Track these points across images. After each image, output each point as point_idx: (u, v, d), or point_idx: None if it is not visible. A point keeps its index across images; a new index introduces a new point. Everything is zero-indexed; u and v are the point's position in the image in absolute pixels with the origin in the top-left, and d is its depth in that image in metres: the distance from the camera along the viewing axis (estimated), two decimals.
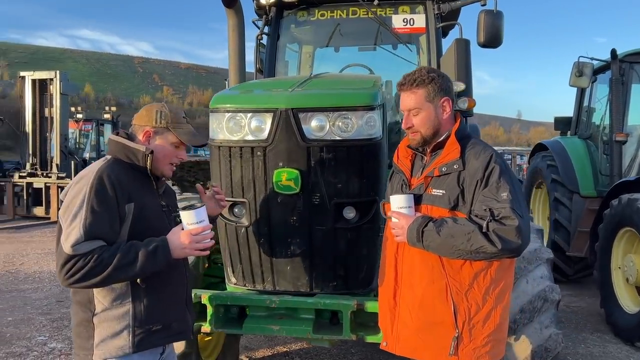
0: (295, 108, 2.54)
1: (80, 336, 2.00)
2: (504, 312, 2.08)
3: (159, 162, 2.11)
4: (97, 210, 1.88)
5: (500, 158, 2.06)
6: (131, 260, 1.89)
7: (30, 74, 14.06)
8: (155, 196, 2.13)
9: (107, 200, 1.90)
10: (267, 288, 2.75)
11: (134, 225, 1.97)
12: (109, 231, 1.91)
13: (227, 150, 2.67)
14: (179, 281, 2.16)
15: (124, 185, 1.96)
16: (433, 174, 2.10)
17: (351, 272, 2.72)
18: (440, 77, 2.12)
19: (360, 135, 2.60)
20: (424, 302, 2.07)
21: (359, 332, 2.53)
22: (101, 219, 1.88)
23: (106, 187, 1.91)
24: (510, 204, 1.93)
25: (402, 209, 2.09)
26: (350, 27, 5.03)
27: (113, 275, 1.87)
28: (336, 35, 5.15)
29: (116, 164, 2.03)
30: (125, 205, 1.95)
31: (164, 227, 2.08)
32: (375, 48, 5.31)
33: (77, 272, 1.84)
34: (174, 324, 2.10)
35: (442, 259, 2.04)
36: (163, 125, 2.12)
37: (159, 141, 2.13)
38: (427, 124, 2.13)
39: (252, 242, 2.72)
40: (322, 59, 5.64)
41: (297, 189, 2.57)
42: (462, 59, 4.10)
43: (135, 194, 1.99)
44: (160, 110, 2.14)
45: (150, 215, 2.04)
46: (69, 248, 1.84)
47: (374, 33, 5.07)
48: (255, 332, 2.66)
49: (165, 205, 2.18)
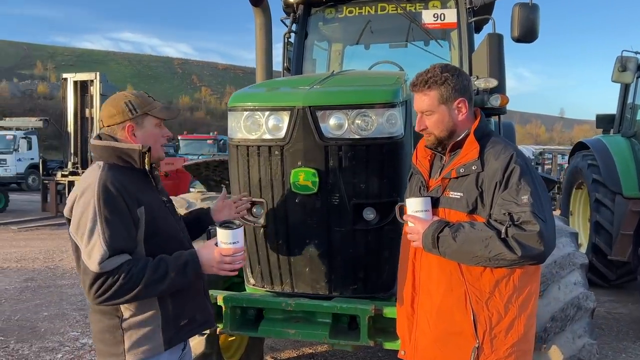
0: (313, 106, 2.47)
1: (107, 342, 1.96)
2: (528, 322, 1.95)
3: (153, 150, 2.06)
4: (112, 222, 1.83)
5: (522, 158, 1.93)
6: (162, 276, 1.88)
7: (72, 76, 14.49)
8: (155, 193, 2.09)
9: (119, 210, 1.86)
10: (285, 290, 2.70)
11: (148, 228, 1.94)
12: (129, 241, 1.88)
13: (245, 150, 2.63)
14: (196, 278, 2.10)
15: (129, 190, 1.91)
16: (450, 176, 2.00)
17: (371, 276, 2.64)
18: (454, 76, 2.00)
19: (380, 134, 2.51)
20: (442, 310, 1.97)
21: (377, 338, 2.44)
22: (119, 230, 1.84)
23: (114, 196, 1.86)
24: (531, 208, 1.80)
25: (418, 212, 1.99)
26: (381, 23, 4.93)
27: (144, 292, 1.85)
28: (366, 33, 5.06)
29: (113, 169, 1.96)
30: (136, 210, 1.91)
31: (170, 222, 2.08)
32: (407, 45, 5.20)
33: (107, 291, 1.81)
34: (197, 316, 2.11)
35: (460, 266, 1.93)
36: (140, 112, 2.04)
37: (144, 129, 2.06)
38: (441, 127, 2.02)
39: (270, 243, 2.68)
40: (352, 56, 5.56)
41: (314, 189, 2.50)
42: (495, 55, 3.95)
43: (141, 196, 1.95)
44: (128, 100, 2.04)
45: (158, 215, 2.01)
46: (96, 266, 1.79)
47: (405, 29, 4.95)
48: (270, 335, 2.61)
49: (166, 201, 2.14)
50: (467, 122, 2.05)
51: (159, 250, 1.97)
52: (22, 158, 22.05)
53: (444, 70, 2.01)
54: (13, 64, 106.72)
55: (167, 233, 2.03)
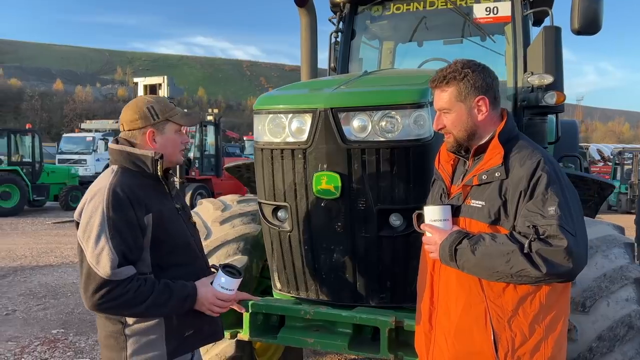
0: (335, 108, 2.39)
1: (111, 348, 1.95)
2: (557, 344, 1.76)
3: (172, 155, 2.06)
4: (120, 229, 1.82)
5: (551, 164, 1.74)
6: (165, 301, 1.87)
7: (142, 80, 15.16)
8: (168, 200, 2.07)
9: (127, 217, 1.84)
10: (310, 297, 2.64)
11: (155, 234, 1.92)
12: (135, 249, 1.86)
13: (269, 153, 2.60)
14: None
15: (138, 196, 1.90)
16: (472, 183, 1.84)
17: (398, 285, 2.51)
18: (475, 72, 1.83)
19: (407, 136, 2.38)
20: (460, 329, 1.82)
21: (398, 352, 2.32)
22: (126, 237, 1.83)
23: (123, 203, 1.85)
24: (558, 221, 1.62)
25: (436, 221, 1.85)
26: (435, 19, 4.76)
27: (144, 311, 1.86)
28: (419, 29, 4.90)
29: (125, 174, 1.95)
30: (144, 218, 1.88)
31: (181, 230, 2.05)
32: (462, 41, 4.98)
33: (113, 299, 1.80)
34: (205, 327, 2.07)
35: (481, 281, 1.77)
36: (161, 119, 2.02)
37: (164, 135, 2.04)
38: (459, 126, 1.86)
39: (294, 248, 2.62)
40: (405, 54, 5.41)
41: (337, 193, 2.42)
42: (551, 49, 3.69)
43: (150, 203, 1.93)
44: (150, 105, 2.02)
45: (168, 221, 1.99)
46: (107, 271, 1.77)
47: (460, 25, 4.74)
48: (289, 343, 2.56)
49: (180, 208, 2.11)
50: (491, 123, 1.88)
51: (166, 257, 1.96)
52: (100, 158, 23.48)
53: (465, 65, 1.85)
54: (96, 70, 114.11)
55: (176, 240, 2.01)
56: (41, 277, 7.57)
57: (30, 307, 6.11)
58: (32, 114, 56.92)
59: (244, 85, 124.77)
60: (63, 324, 5.49)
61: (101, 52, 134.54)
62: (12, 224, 13.29)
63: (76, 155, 23.69)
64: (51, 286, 7.05)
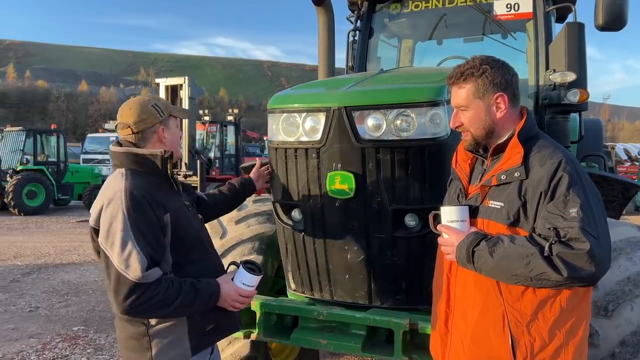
0: (349, 106, 2.35)
1: (134, 350, 1.94)
2: (577, 350, 1.69)
3: (177, 150, 2.09)
4: (144, 231, 1.82)
5: (573, 164, 1.67)
6: (192, 300, 1.89)
7: (164, 81, 15.37)
8: (178, 197, 2.08)
9: (148, 218, 1.84)
10: (324, 297, 2.61)
11: (174, 233, 1.93)
12: (159, 249, 1.86)
13: (283, 152, 2.58)
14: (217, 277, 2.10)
15: (155, 197, 1.90)
16: (490, 183, 1.78)
17: (414, 286, 2.47)
18: (494, 68, 1.78)
19: (422, 135, 2.33)
20: (477, 333, 1.77)
21: (413, 354, 2.27)
22: (150, 239, 1.83)
23: (143, 205, 1.84)
24: (580, 223, 1.55)
25: (453, 222, 1.80)
26: (455, 17, 4.68)
27: (173, 312, 1.87)
28: (439, 27, 4.83)
29: (136, 176, 1.94)
30: (163, 217, 1.89)
31: (192, 226, 2.07)
32: (483, 38, 4.89)
33: (145, 302, 1.79)
34: (224, 321, 2.10)
35: (499, 283, 1.72)
36: (166, 115, 2.04)
37: (170, 131, 2.07)
38: (476, 124, 1.81)
39: (308, 248, 2.60)
40: (425, 52, 5.34)
41: (351, 193, 2.39)
42: (574, 46, 3.60)
43: (167, 202, 1.94)
44: (154, 103, 2.03)
45: (183, 220, 2.00)
46: (139, 275, 1.76)
47: (480, 22, 4.66)
48: (302, 344, 2.53)
49: (189, 205, 2.13)
50: (510, 121, 1.82)
51: (184, 254, 1.97)
52: None
53: (483, 61, 1.80)
54: (120, 71, 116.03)
55: (192, 238, 2.02)
56: (64, 274, 7.70)
57: (52, 304, 6.22)
58: (58, 115, 58.18)
59: (265, 86, 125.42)
60: (84, 321, 5.57)
61: (125, 54, 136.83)
62: (37, 223, 13.58)
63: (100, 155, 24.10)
64: (73, 284, 7.17)
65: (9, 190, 14.79)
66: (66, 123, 54.01)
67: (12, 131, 17.07)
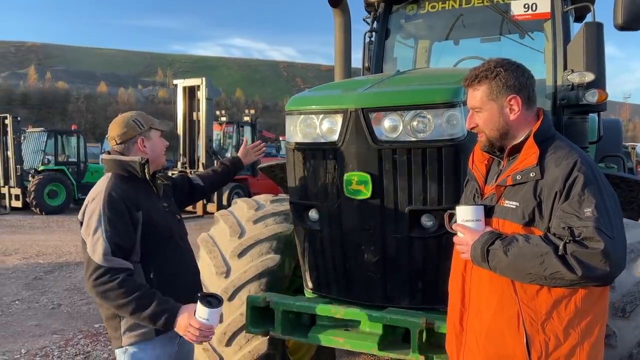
0: (365, 108, 2.39)
1: (111, 328, 2.24)
2: (593, 350, 1.70)
3: (159, 157, 2.39)
4: (114, 222, 2.11)
5: (588, 165, 1.69)
6: (146, 305, 2.06)
7: (182, 82, 15.56)
8: (157, 200, 2.34)
9: (120, 213, 2.14)
10: (341, 296, 2.65)
11: (144, 230, 2.20)
12: (127, 239, 2.14)
13: (300, 153, 2.62)
14: (188, 272, 2.38)
15: (130, 196, 2.19)
16: (506, 183, 1.80)
17: (430, 286, 2.49)
18: (508, 70, 1.80)
19: (439, 136, 2.36)
20: (492, 331, 1.78)
21: (429, 353, 2.30)
22: (119, 229, 2.12)
23: (117, 201, 2.15)
24: (594, 223, 1.57)
25: (468, 222, 1.82)
26: (472, 17, 4.68)
27: (124, 307, 2.06)
28: (455, 27, 4.83)
29: (118, 179, 2.24)
30: (135, 214, 2.17)
31: (168, 227, 2.32)
32: (500, 38, 4.88)
33: (103, 284, 2.05)
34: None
35: (514, 282, 1.73)
36: (146, 128, 2.34)
37: (151, 141, 2.36)
38: (490, 125, 1.83)
39: (325, 248, 2.64)
40: (441, 53, 5.34)
41: (367, 193, 2.42)
42: (592, 46, 3.58)
43: (141, 202, 2.22)
44: (135, 118, 2.34)
45: (156, 218, 2.26)
46: (100, 257, 2.06)
47: (498, 22, 4.65)
48: (319, 342, 2.57)
49: (166, 207, 2.39)
50: (525, 123, 1.84)
51: (153, 247, 2.22)
52: None
53: (498, 64, 1.83)
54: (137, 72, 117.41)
55: (162, 234, 2.28)
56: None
57: (74, 301, 6.35)
58: (77, 116, 59.10)
59: (281, 86, 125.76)
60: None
61: (143, 55, 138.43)
62: (58, 222, 13.84)
63: None
64: None
65: (31, 189, 15.09)
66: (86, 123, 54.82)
67: (34, 132, 17.42)
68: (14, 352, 4.76)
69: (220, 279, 3.06)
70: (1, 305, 6.21)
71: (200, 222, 13.44)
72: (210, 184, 2.91)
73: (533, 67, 4.44)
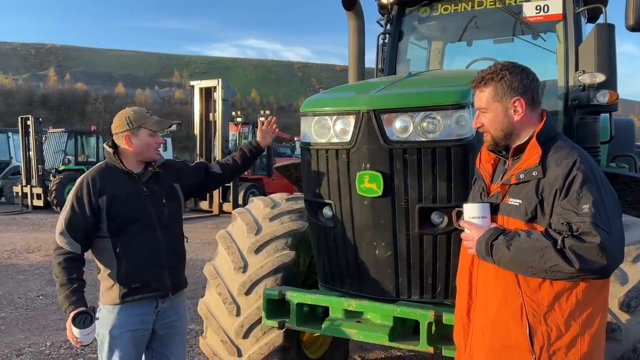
0: (377, 109, 2.49)
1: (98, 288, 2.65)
2: (593, 341, 1.79)
3: (144, 153, 2.62)
4: (73, 206, 2.49)
5: (588, 163, 1.77)
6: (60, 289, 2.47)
7: (198, 83, 15.79)
8: (135, 185, 2.60)
9: (81, 198, 2.50)
10: (353, 291, 2.75)
11: (109, 211, 2.51)
12: (83, 221, 2.49)
13: (315, 153, 2.73)
14: (153, 249, 2.61)
15: (97, 182, 2.52)
16: (510, 182, 1.89)
17: (439, 281, 2.58)
18: (512, 73, 1.89)
19: (448, 136, 2.45)
20: (497, 323, 1.88)
21: (437, 344, 2.39)
22: (75, 212, 2.49)
23: (82, 188, 2.51)
24: (591, 218, 1.65)
25: (475, 219, 1.91)
26: (485, 19, 4.74)
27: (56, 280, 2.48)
28: (469, 28, 4.89)
29: (102, 167, 2.62)
30: (98, 199, 2.50)
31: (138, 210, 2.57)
32: (513, 39, 4.93)
33: (54, 257, 2.50)
34: (152, 283, 2.60)
35: (517, 276, 1.83)
36: (135, 125, 2.58)
37: (139, 138, 2.59)
38: (495, 125, 1.93)
39: (338, 244, 2.74)
40: (454, 54, 5.40)
41: (379, 192, 2.52)
42: (603, 47, 3.63)
43: (107, 187, 2.52)
44: (127, 115, 2.61)
45: (123, 203, 2.54)
46: (56, 234, 2.49)
47: (511, 23, 4.71)
48: (332, 333, 2.68)
49: (146, 190, 2.62)
50: (529, 124, 1.93)
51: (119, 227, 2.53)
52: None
53: (503, 67, 1.92)
54: (154, 73, 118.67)
55: (128, 216, 2.55)
56: None
57: (97, 297, 6.52)
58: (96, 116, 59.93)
59: (296, 87, 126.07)
60: None
61: (159, 56, 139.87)
62: None
63: None
64: None
65: (52, 189, 15.43)
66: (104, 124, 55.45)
67: (55, 132, 17.81)
68: (40, 344, 4.95)
69: (237, 274, 3.18)
70: (26, 300, 6.44)
71: (216, 221, 13.65)
72: (229, 172, 3.08)
73: (545, 68, 4.51)
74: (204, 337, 3.37)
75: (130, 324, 2.56)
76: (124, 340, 2.56)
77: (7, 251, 9.60)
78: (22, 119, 16.15)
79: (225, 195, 14.96)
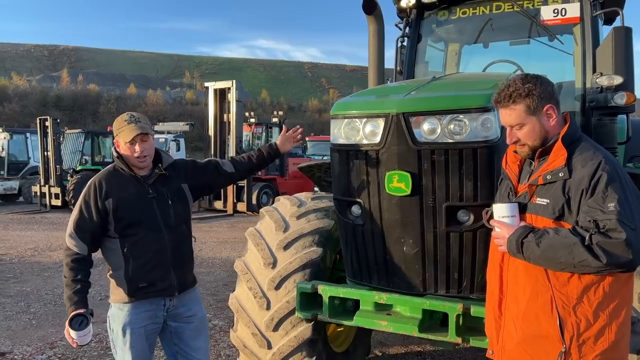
0: (406, 112, 2.61)
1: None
2: (620, 330, 1.90)
3: (130, 160, 2.66)
4: (82, 210, 2.60)
5: (612, 164, 1.88)
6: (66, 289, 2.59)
7: (213, 84, 15.99)
8: (141, 188, 2.67)
9: (87, 201, 2.60)
10: (381, 285, 2.87)
11: (115, 213, 2.59)
12: (90, 223, 2.59)
13: (344, 154, 2.86)
14: (159, 250, 2.67)
15: (103, 185, 2.62)
16: (537, 182, 2.01)
17: (465, 277, 2.70)
18: (537, 85, 1.99)
19: (475, 138, 2.57)
20: (527, 315, 1.99)
21: (465, 335, 2.51)
22: (83, 214, 2.59)
23: (89, 192, 2.61)
24: (617, 216, 1.76)
25: (504, 218, 2.03)
26: (501, 21, 4.83)
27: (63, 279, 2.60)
28: (485, 31, 4.98)
29: (110, 170, 2.71)
30: (104, 202, 2.58)
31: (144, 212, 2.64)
32: (529, 41, 5.01)
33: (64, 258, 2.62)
34: (158, 283, 2.68)
35: (547, 271, 1.94)
36: (115, 134, 2.68)
37: (121, 146, 2.67)
38: (533, 136, 2.02)
39: (367, 241, 2.87)
40: (471, 55, 5.49)
41: (407, 191, 2.64)
42: (621, 50, 3.72)
43: (115, 191, 2.61)
44: (116, 122, 2.69)
45: (129, 205, 2.61)
46: (66, 235, 2.60)
47: (526, 25, 4.79)
48: (364, 325, 2.81)
49: (152, 193, 2.68)
50: (558, 127, 2.04)
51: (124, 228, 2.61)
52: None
53: (525, 81, 2.01)
54: (165, 74, 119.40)
55: (132, 218, 2.62)
56: None
57: None
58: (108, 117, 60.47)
59: (306, 87, 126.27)
60: None
61: (170, 57, 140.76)
62: None
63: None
64: None
65: (70, 189, 15.69)
66: None
67: (72, 133, 18.12)
68: None
69: (267, 270, 3.31)
70: (54, 296, 6.63)
71: (231, 221, 13.82)
72: (243, 170, 3.11)
73: (562, 69, 4.58)
74: (234, 330, 3.50)
75: (140, 320, 2.66)
76: (135, 336, 2.65)
77: (30, 249, 9.83)
78: (40, 120, 16.46)
79: (239, 195, 15.13)
